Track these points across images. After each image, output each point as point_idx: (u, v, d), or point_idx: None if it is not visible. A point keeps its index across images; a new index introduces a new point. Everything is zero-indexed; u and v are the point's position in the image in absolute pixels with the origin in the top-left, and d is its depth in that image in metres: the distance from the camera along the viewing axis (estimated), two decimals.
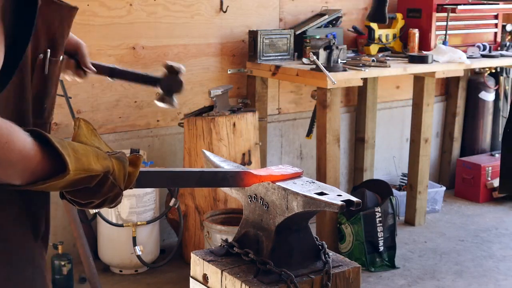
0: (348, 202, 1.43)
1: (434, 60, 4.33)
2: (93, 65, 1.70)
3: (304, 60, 4.21)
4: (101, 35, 3.88)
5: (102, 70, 1.75)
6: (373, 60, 4.19)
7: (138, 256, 3.69)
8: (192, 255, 1.66)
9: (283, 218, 1.53)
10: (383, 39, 4.68)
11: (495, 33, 5.04)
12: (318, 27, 4.49)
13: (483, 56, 4.71)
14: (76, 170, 1.13)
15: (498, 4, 4.99)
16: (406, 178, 4.82)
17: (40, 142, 1.11)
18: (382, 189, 4.23)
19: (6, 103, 1.16)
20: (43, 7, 1.16)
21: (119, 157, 1.24)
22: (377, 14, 2.25)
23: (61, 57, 1.28)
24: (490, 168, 5.12)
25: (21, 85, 1.18)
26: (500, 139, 5.57)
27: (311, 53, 3.80)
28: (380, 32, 4.66)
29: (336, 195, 1.48)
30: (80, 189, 1.18)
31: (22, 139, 1.08)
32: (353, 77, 3.92)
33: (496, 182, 5.12)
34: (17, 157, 1.07)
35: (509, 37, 5.14)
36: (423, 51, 4.56)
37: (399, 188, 4.94)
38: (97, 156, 1.19)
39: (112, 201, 1.25)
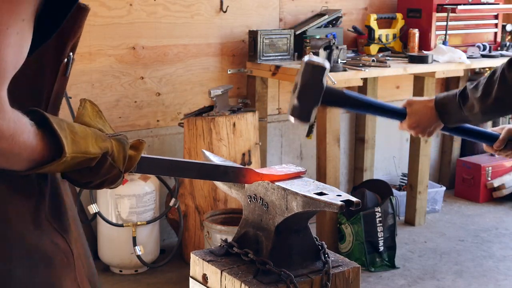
0: (347, 202, 1.44)
1: (434, 60, 4.32)
2: None
3: None
4: (101, 35, 3.88)
5: None
6: (373, 60, 4.19)
7: (138, 256, 3.69)
8: (192, 255, 1.66)
9: (283, 218, 1.53)
10: (383, 39, 4.68)
11: (495, 33, 5.04)
12: (318, 27, 4.48)
13: (483, 56, 4.71)
14: (73, 153, 1.13)
15: (498, 4, 4.99)
16: (406, 178, 4.81)
17: (40, 123, 1.11)
18: (382, 189, 4.23)
19: (14, 97, 1.13)
20: (77, 12, 1.16)
21: (120, 139, 1.24)
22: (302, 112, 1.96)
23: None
24: (490, 168, 5.12)
25: (36, 85, 1.18)
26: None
27: (311, 53, 3.80)
28: (380, 32, 4.66)
29: (335, 195, 1.48)
30: (79, 169, 1.18)
31: (27, 130, 1.07)
32: (353, 77, 3.92)
33: (496, 182, 5.12)
34: (21, 147, 1.06)
35: (509, 37, 5.14)
36: (423, 51, 4.55)
37: (399, 188, 4.94)
38: (95, 137, 1.19)
39: (112, 182, 1.25)
